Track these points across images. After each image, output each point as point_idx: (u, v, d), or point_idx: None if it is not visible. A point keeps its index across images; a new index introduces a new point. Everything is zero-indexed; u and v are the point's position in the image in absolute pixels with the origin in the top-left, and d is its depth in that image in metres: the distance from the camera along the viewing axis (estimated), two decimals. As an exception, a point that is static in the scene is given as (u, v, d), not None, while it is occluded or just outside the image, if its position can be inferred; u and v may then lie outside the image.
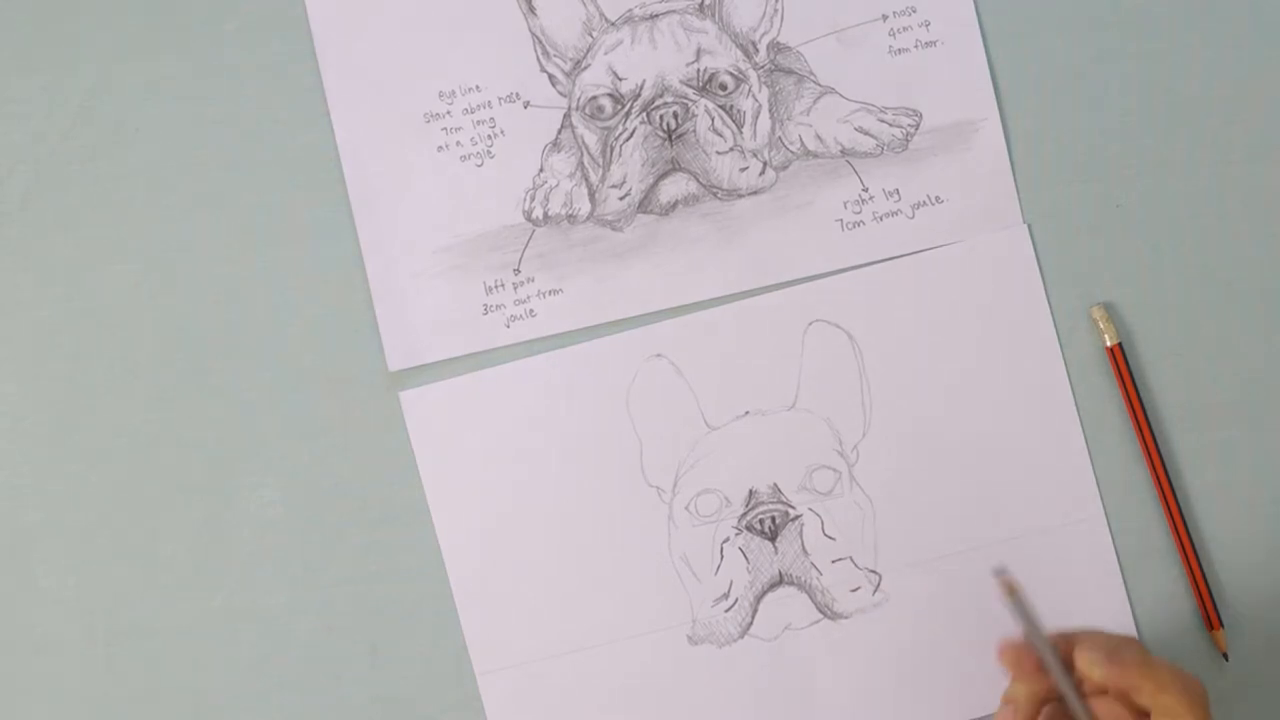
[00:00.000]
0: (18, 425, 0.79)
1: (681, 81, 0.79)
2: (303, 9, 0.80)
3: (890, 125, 0.79)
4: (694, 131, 0.79)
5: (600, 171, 0.79)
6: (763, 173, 0.79)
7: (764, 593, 0.78)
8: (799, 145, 0.79)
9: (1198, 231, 0.79)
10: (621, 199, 0.79)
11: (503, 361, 0.79)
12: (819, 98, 0.80)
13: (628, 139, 0.79)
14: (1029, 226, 0.79)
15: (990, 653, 0.70)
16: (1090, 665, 0.67)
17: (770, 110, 0.79)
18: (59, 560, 0.79)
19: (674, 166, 0.79)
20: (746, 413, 0.79)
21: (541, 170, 0.79)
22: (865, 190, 0.79)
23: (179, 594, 0.78)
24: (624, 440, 0.78)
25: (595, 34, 0.80)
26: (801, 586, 0.78)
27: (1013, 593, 0.68)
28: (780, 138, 0.79)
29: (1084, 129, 0.79)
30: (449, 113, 0.80)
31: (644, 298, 0.79)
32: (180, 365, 0.79)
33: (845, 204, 0.79)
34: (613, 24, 0.80)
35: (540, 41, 0.80)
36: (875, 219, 0.79)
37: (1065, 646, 0.69)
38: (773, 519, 0.78)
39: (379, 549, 0.78)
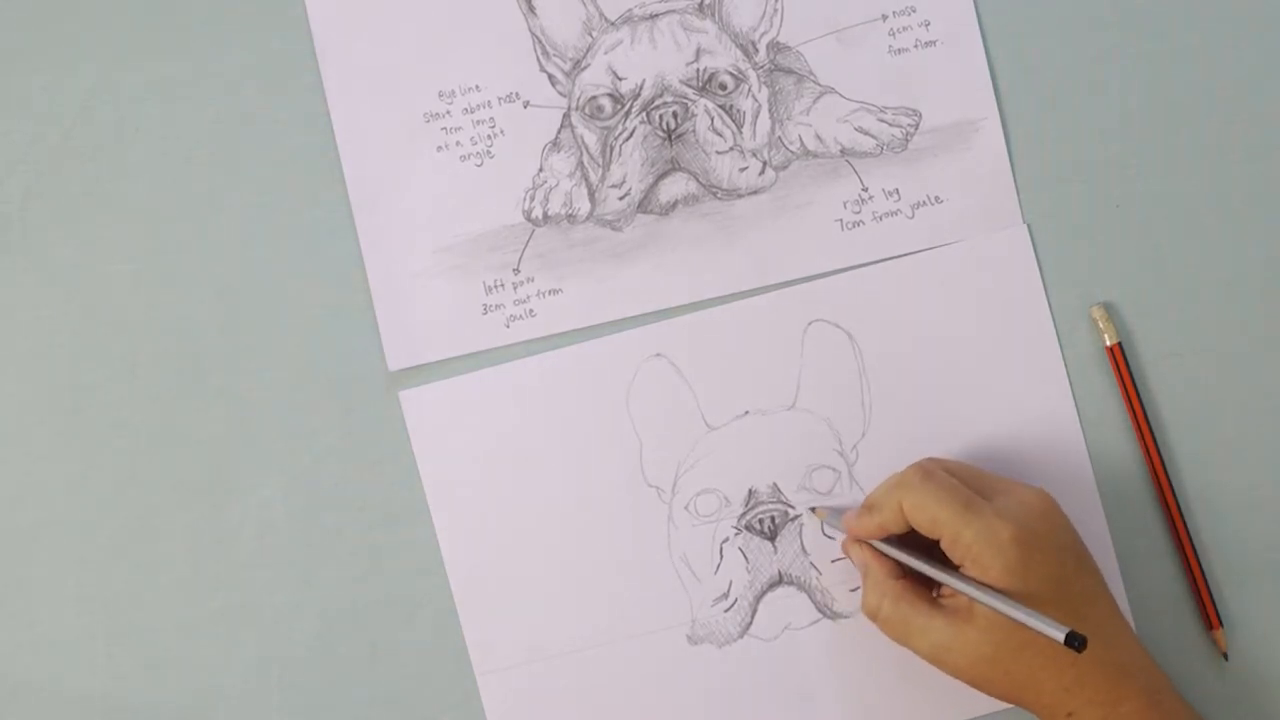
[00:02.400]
0: (18, 425, 0.79)
1: (681, 81, 0.79)
2: (303, 9, 0.80)
3: (890, 125, 0.79)
4: (694, 131, 0.79)
5: (600, 171, 0.79)
6: (762, 172, 0.79)
7: (764, 592, 0.78)
8: (799, 145, 0.79)
9: (1198, 231, 0.79)
10: (621, 199, 0.79)
11: (503, 361, 0.79)
12: (819, 97, 0.80)
13: (627, 139, 0.79)
14: (1029, 226, 0.79)
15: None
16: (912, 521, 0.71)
17: (770, 110, 0.79)
18: (59, 560, 0.79)
19: (674, 166, 0.79)
20: (746, 413, 0.79)
21: (541, 170, 0.79)
22: (865, 190, 0.79)
23: (179, 594, 0.78)
24: (624, 440, 0.79)
25: (595, 34, 0.80)
26: (801, 586, 0.78)
27: (825, 516, 0.77)
28: (780, 137, 0.79)
29: (1084, 129, 0.79)
30: (449, 113, 0.80)
31: (644, 298, 0.79)
32: (180, 365, 0.79)
33: (845, 204, 0.79)
34: (612, 24, 0.80)
35: (540, 41, 0.80)
36: (875, 219, 0.79)
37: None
38: (772, 519, 0.78)
39: (379, 549, 0.78)
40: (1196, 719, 0.71)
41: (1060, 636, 0.64)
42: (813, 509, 0.77)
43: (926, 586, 0.73)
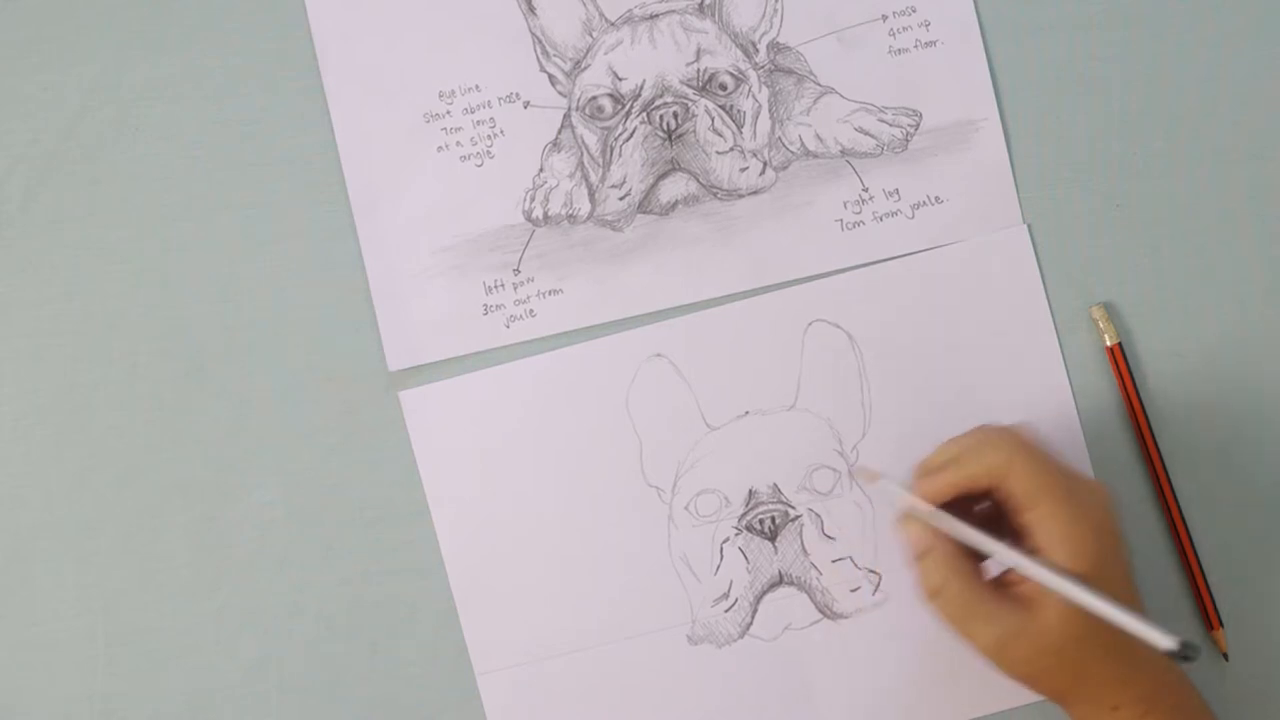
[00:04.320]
0: (18, 425, 0.79)
1: (681, 81, 0.79)
2: (303, 9, 0.80)
3: (890, 125, 0.79)
4: (694, 131, 0.79)
5: (600, 171, 0.79)
6: (763, 173, 0.79)
7: (764, 593, 0.78)
8: (799, 145, 0.79)
9: (1198, 231, 0.79)
10: (621, 199, 0.79)
11: (503, 361, 0.79)
12: (819, 98, 0.80)
13: (628, 139, 0.79)
14: (1029, 226, 0.79)
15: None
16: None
17: (770, 110, 0.79)
18: (59, 560, 0.79)
19: (674, 166, 0.79)
20: (746, 413, 0.79)
21: (541, 170, 0.79)
22: (865, 190, 0.79)
23: (179, 594, 0.78)
24: (624, 440, 0.79)
25: (595, 34, 0.80)
26: (801, 586, 0.78)
27: (874, 479, 0.72)
28: (780, 138, 0.80)
29: (1084, 129, 0.79)
30: (449, 113, 0.80)
31: (644, 298, 0.79)
32: (180, 365, 0.79)
33: (845, 204, 0.79)
34: (613, 24, 0.80)
35: (540, 41, 0.80)
36: (875, 219, 0.79)
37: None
38: (772, 519, 0.78)
39: (379, 549, 0.78)
40: (1212, 717, 0.71)
41: (1173, 645, 0.61)
42: (865, 471, 0.75)
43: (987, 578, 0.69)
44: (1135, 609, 0.66)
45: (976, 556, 0.69)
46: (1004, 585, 0.68)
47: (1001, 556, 0.67)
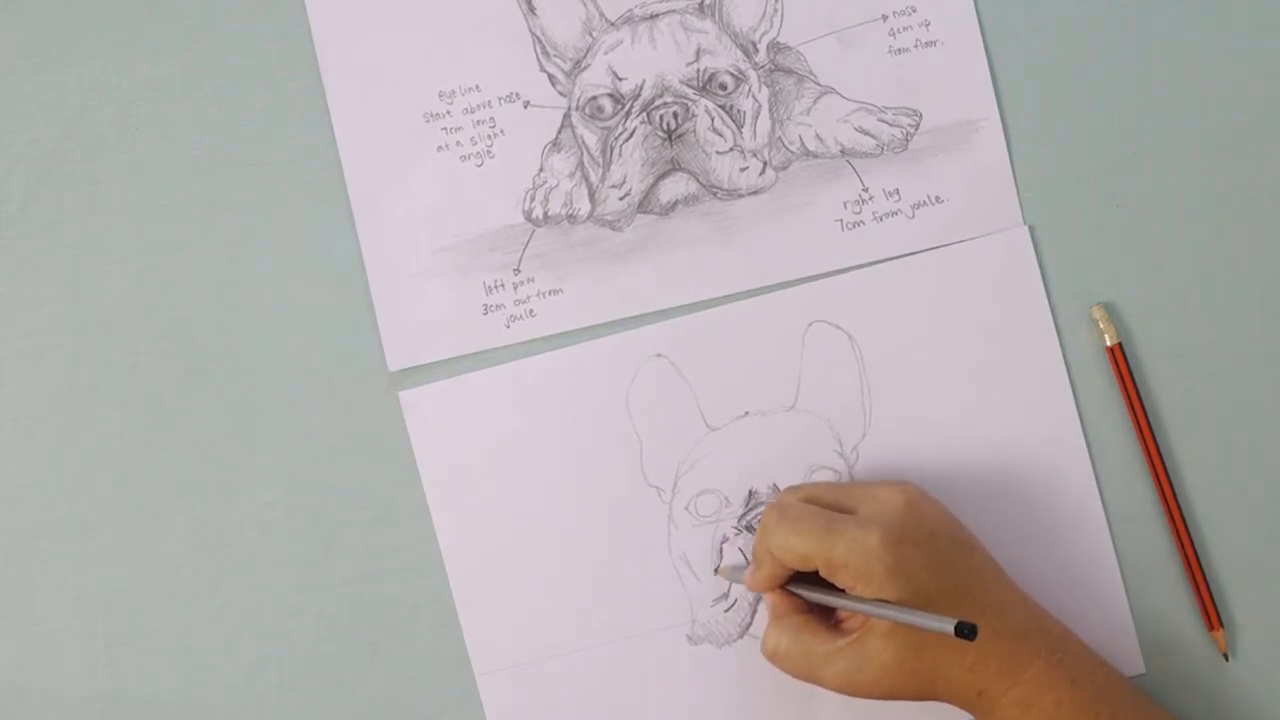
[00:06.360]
0: (17, 425, 0.79)
1: (681, 81, 0.79)
2: (303, 9, 0.80)
3: (890, 125, 0.79)
4: (694, 131, 0.79)
5: (600, 171, 0.79)
6: (763, 173, 0.79)
7: (764, 593, 0.78)
8: (799, 145, 0.79)
9: (1198, 231, 0.79)
10: (621, 199, 0.79)
11: (503, 361, 0.79)
12: (819, 98, 0.80)
13: (628, 139, 0.79)
14: (1029, 227, 0.79)
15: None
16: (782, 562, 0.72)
17: (770, 110, 0.79)
18: (59, 560, 0.79)
19: (674, 166, 0.79)
20: (746, 413, 0.79)
21: (541, 170, 0.79)
22: (865, 190, 0.79)
23: (179, 594, 0.78)
24: (624, 440, 0.78)
25: (595, 34, 0.80)
26: (801, 586, 0.78)
27: (728, 575, 0.77)
28: (780, 138, 0.79)
29: (1084, 129, 0.79)
30: (449, 113, 0.80)
31: (644, 298, 0.79)
32: (180, 365, 0.79)
33: (845, 204, 0.79)
34: (613, 24, 0.80)
35: (540, 41, 0.80)
36: (875, 219, 0.79)
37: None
38: (773, 519, 0.78)
39: (379, 549, 0.78)
40: (1103, 664, 0.71)
41: (950, 629, 0.64)
42: (716, 570, 0.78)
43: (830, 620, 0.73)
44: (990, 584, 0.70)
45: (822, 611, 0.73)
46: (841, 624, 0.72)
47: (816, 598, 0.72)
